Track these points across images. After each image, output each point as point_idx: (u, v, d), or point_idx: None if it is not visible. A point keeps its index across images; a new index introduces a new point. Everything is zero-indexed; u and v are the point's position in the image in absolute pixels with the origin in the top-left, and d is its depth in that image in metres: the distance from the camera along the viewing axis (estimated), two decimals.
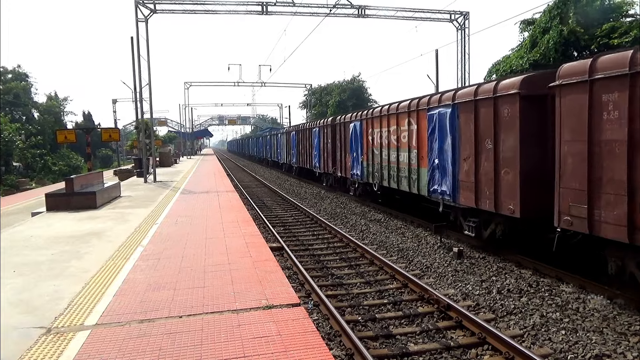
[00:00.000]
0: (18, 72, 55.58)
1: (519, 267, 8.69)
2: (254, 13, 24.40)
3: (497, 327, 6.15)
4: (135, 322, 5.11)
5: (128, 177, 28.72)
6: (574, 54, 19.86)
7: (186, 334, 4.79)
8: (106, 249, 8.61)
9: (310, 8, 24.39)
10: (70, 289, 6.27)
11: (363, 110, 18.04)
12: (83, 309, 5.51)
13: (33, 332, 4.87)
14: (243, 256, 7.93)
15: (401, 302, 7.16)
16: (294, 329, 4.91)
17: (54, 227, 10.96)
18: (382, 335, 6.01)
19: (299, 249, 10.74)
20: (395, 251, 10.43)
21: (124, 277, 6.76)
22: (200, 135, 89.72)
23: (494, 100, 8.94)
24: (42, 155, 46.31)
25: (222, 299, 5.81)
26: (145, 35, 22.80)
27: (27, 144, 44.70)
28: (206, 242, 9.10)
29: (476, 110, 9.52)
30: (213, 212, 13.10)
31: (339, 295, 7.56)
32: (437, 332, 6.09)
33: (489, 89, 9.16)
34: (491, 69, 24.20)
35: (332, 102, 50.37)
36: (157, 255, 8.04)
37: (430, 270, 8.96)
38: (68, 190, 14.07)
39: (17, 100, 51.72)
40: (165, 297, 5.90)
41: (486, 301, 7.14)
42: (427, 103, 11.73)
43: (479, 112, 9.46)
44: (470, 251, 9.96)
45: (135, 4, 22.38)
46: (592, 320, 6.27)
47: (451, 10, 25.56)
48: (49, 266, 7.43)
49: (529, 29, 22.90)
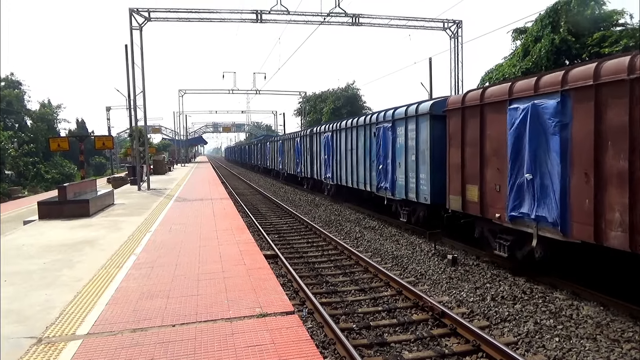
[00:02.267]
0: (11, 80, 55.35)
1: (513, 274, 8.71)
2: (248, 21, 24.48)
3: (492, 334, 6.15)
4: (128, 331, 5.07)
5: (121, 184, 28.61)
6: (565, 62, 20.07)
7: (179, 343, 4.76)
8: (99, 257, 8.55)
9: (305, 16, 24.51)
10: (62, 298, 6.21)
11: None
12: (75, 318, 5.46)
13: (24, 342, 4.82)
14: (237, 264, 7.90)
15: (396, 310, 7.15)
16: (288, 337, 4.88)
17: (46, 236, 10.87)
18: (376, 343, 5.99)
19: (294, 257, 10.71)
20: (390, 258, 10.43)
21: (117, 286, 6.71)
22: (194, 142, 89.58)
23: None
24: (34, 163, 46.02)
25: (216, 307, 5.78)
26: (140, 43, 22.82)
27: (19, 152, 44.44)
28: (200, 250, 9.06)
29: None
30: (207, 219, 13.05)
31: (333, 303, 7.53)
32: (431, 340, 6.08)
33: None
34: (484, 77, 24.39)
35: (326, 110, 50.51)
36: (151, 264, 7.99)
37: (425, 277, 8.96)
38: (61, 198, 13.98)
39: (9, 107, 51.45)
40: (159, 305, 5.86)
41: (480, 308, 7.15)
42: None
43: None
44: (464, 258, 9.98)
45: (129, 12, 22.41)
46: (585, 327, 6.29)
47: (444, 18, 25.77)
48: (40, 275, 7.37)
49: (521, 37, 23.15)
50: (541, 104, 7.59)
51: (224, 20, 24.61)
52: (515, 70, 21.31)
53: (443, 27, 25.82)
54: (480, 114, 9.33)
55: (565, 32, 19.63)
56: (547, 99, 7.51)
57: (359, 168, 16.84)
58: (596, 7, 19.98)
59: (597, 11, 19.98)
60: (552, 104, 7.37)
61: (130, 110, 24.56)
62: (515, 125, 8.18)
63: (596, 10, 19.97)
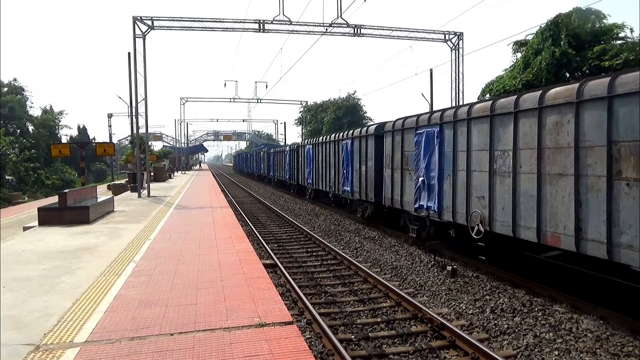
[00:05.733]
0: (14, 86, 55.63)
1: (512, 286, 8.69)
2: (251, 31, 24.63)
3: (491, 347, 6.13)
4: (126, 339, 5.06)
5: (122, 191, 28.61)
6: (566, 75, 20.15)
7: (177, 352, 4.74)
8: (98, 264, 8.54)
9: (307, 26, 24.64)
10: (61, 305, 6.20)
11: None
12: (73, 325, 5.45)
13: (22, 349, 4.80)
14: (236, 273, 7.89)
15: (395, 321, 7.13)
16: (286, 347, 4.87)
17: (46, 242, 10.86)
18: (375, 354, 5.97)
19: (293, 266, 10.69)
20: (389, 269, 10.41)
21: (116, 294, 6.70)
22: (195, 150, 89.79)
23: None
24: (35, 169, 46.06)
25: (214, 316, 5.76)
26: (143, 51, 22.97)
27: (20, 158, 44.50)
28: (199, 258, 9.05)
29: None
30: (207, 228, 13.05)
31: (332, 314, 7.51)
32: (430, 352, 6.05)
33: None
34: (485, 89, 24.49)
35: (327, 119, 50.66)
36: (150, 272, 7.98)
37: (424, 288, 8.93)
38: (61, 204, 13.98)
39: (12, 113, 51.63)
40: (157, 314, 5.84)
41: (480, 320, 7.12)
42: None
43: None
44: (464, 270, 9.96)
45: (133, 20, 22.59)
46: (585, 341, 6.26)
47: (446, 30, 25.90)
48: (39, 282, 7.35)
49: (522, 49, 23.28)
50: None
51: (227, 30, 24.74)
52: (516, 82, 21.42)
53: (444, 38, 25.96)
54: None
55: (566, 45, 19.76)
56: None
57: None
58: (597, 21, 20.13)
59: (597, 25, 20.13)
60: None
61: (132, 118, 24.65)
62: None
63: (597, 24, 20.12)
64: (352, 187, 17.25)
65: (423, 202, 11.75)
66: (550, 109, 7.79)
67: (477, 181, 9.69)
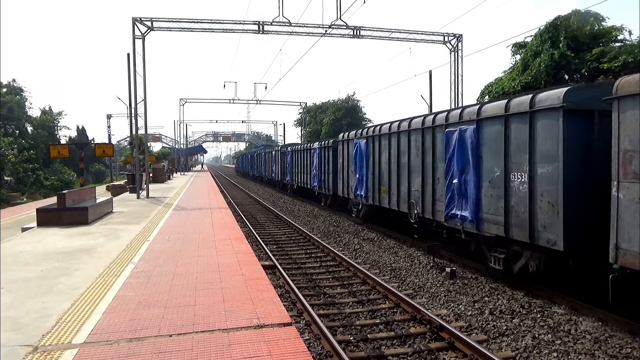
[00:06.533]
0: (13, 87, 55.57)
1: (511, 287, 8.69)
2: (251, 32, 24.64)
3: (490, 348, 6.12)
4: (124, 340, 5.05)
5: (121, 192, 28.58)
6: (564, 77, 20.19)
7: (176, 353, 4.73)
8: (97, 265, 8.53)
9: (306, 28, 24.66)
10: (59, 306, 6.19)
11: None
12: (71, 327, 5.44)
13: (20, 350, 4.79)
14: (235, 274, 7.88)
15: (393, 322, 7.12)
16: (285, 349, 4.86)
17: (44, 243, 10.84)
18: (374, 356, 5.96)
19: (292, 267, 10.68)
20: (388, 270, 10.41)
21: (114, 295, 6.69)
22: (194, 151, 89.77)
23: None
24: (34, 170, 46.00)
25: (213, 317, 5.76)
26: (142, 51, 22.97)
27: (19, 158, 44.44)
28: (198, 259, 9.05)
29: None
30: (206, 229, 13.04)
31: (331, 315, 7.50)
32: (429, 354, 6.05)
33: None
34: (484, 91, 24.51)
35: (326, 121, 50.67)
36: (148, 273, 7.97)
37: (423, 290, 8.93)
38: (60, 205, 13.96)
39: (11, 114, 51.57)
40: (156, 315, 5.84)
41: (478, 322, 7.12)
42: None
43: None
44: (462, 271, 9.96)
45: (132, 21, 22.59)
46: (583, 343, 6.26)
47: (445, 32, 25.92)
48: (37, 283, 7.34)
49: (520, 51, 23.30)
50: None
51: (227, 31, 24.75)
52: (515, 84, 21.44)
53: (443, 40, 26.00)
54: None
55: (565, 47, 19.79)
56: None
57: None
58: (595, 23, 20.17)
59: (596, 27, 20.17)
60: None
61: (131, 119, 24.65)
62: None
63: (595, 26, 20.16)
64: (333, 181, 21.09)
65: (358, 191, 16.44)
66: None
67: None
